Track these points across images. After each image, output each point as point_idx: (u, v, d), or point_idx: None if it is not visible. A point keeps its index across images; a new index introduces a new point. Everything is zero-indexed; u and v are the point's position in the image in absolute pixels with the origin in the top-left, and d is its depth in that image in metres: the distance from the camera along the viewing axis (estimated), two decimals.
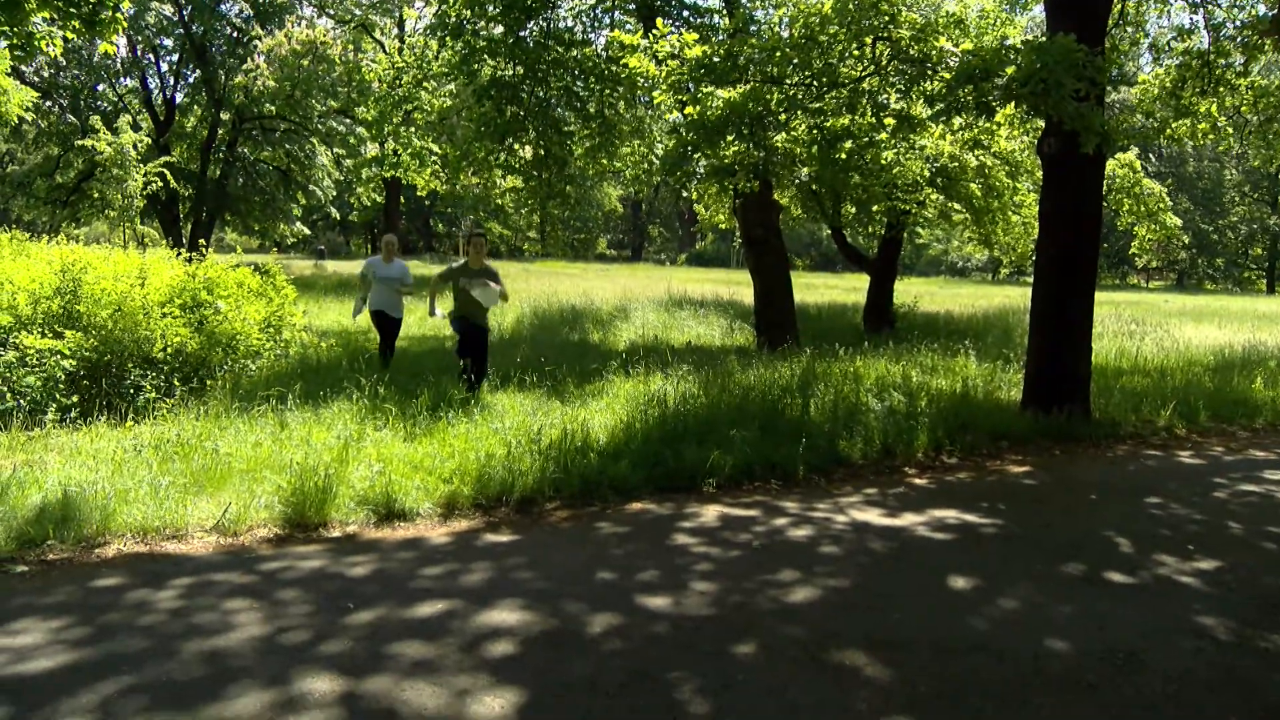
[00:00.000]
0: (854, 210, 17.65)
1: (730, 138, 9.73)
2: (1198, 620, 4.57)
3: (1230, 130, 12.11)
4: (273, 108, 30.18)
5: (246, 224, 36.74)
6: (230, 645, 3.93)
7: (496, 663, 3.86)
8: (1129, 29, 12.45)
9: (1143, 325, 18.88)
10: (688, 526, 5.94)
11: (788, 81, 9.52)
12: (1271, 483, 7.70)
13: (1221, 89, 11.30)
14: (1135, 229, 18.25)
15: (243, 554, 5.14)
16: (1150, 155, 55.71)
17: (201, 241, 12.70)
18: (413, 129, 15.84)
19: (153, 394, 8.03)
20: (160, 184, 22.98)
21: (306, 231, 39.74)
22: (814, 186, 15.92)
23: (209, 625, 4.12)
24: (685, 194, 18.31)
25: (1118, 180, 17.04)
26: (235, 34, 31.45)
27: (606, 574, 4.97)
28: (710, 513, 6.25)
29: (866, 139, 10.12)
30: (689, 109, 9.64)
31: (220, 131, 33.37)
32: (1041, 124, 9.96)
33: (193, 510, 5.59)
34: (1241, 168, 63.55)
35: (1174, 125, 11.54)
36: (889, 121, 9.96)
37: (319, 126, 31.89)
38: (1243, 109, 11.81)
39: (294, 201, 35.95)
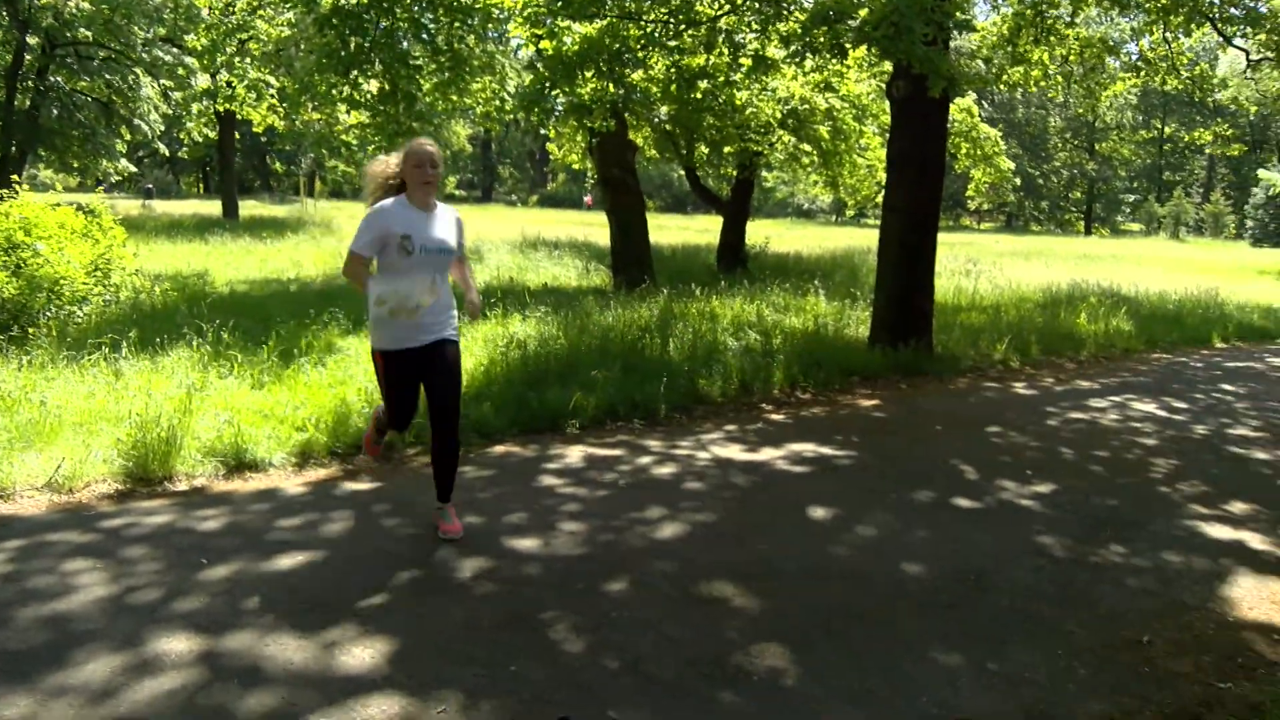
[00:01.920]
0: (707, 151, 17.78)
1: (589, 74, 9.57)
2: (1038, 540, 4.88)
3: (1060, 79, 12.77)
4: (89, 33, 27.82)
5: (64, 160, 33.88)
6: (74, 609, 3.68)
7: (365, 612, 3.75)
8: None
9: (977, 265, 19.84)
10: (553, 468, 5.91)
11: (646, 18, 9.42)
12: (1096, 410, 8.27)
13: (1052, 39, 11.86)
14: (972, 171, 19.10)
15: (81, 512, 4.81)
16: (984, 101, 58.16)
17: (15, 178, 11.70)
18: (248, 60, 14.91)
19: None
20: None
21: (132, 169, 37.07)
22: (669, 127, 15.92)
23: (48, 589, 3.85)
24: (544, 131, 17.99)
25: (956, 124, 17.69)
26: None
27: (474, 518, 4.89)
28: (575, 453, 6.24)
29: (723, 78, 10.14)
30: (545, 43, 9.42)
31: (28, 58, 30.55)
32: (889, 68, 10.21)
33: (19, 467, 5.18)
34: (1064, 115, 67.36)
35: (1010, 71, 12.05)
36: (745, 62, 10.00)
37: (143, 55, 29.54)
38: (1070, 58, 12.45)
39: (117, 137, 33.39)
